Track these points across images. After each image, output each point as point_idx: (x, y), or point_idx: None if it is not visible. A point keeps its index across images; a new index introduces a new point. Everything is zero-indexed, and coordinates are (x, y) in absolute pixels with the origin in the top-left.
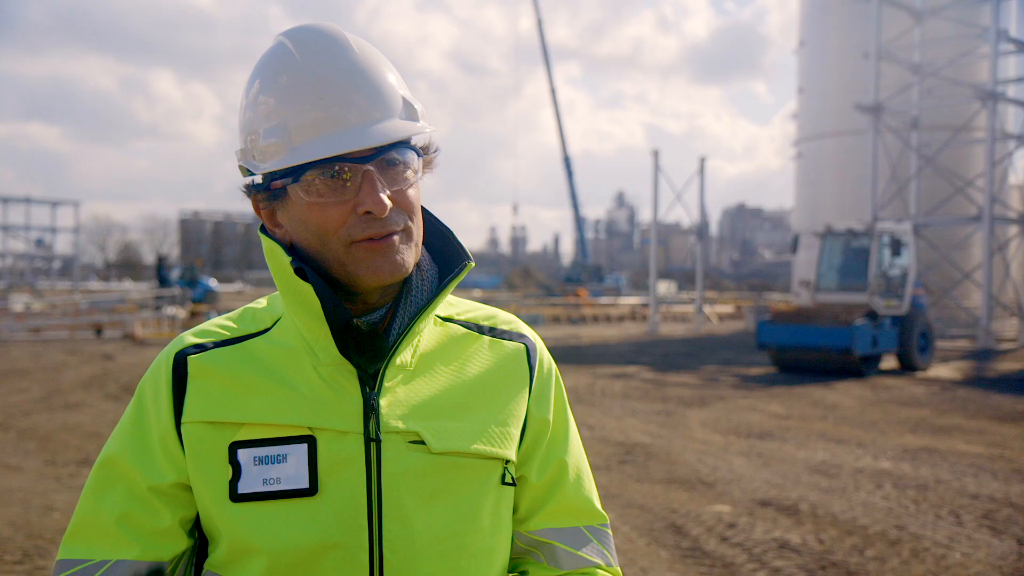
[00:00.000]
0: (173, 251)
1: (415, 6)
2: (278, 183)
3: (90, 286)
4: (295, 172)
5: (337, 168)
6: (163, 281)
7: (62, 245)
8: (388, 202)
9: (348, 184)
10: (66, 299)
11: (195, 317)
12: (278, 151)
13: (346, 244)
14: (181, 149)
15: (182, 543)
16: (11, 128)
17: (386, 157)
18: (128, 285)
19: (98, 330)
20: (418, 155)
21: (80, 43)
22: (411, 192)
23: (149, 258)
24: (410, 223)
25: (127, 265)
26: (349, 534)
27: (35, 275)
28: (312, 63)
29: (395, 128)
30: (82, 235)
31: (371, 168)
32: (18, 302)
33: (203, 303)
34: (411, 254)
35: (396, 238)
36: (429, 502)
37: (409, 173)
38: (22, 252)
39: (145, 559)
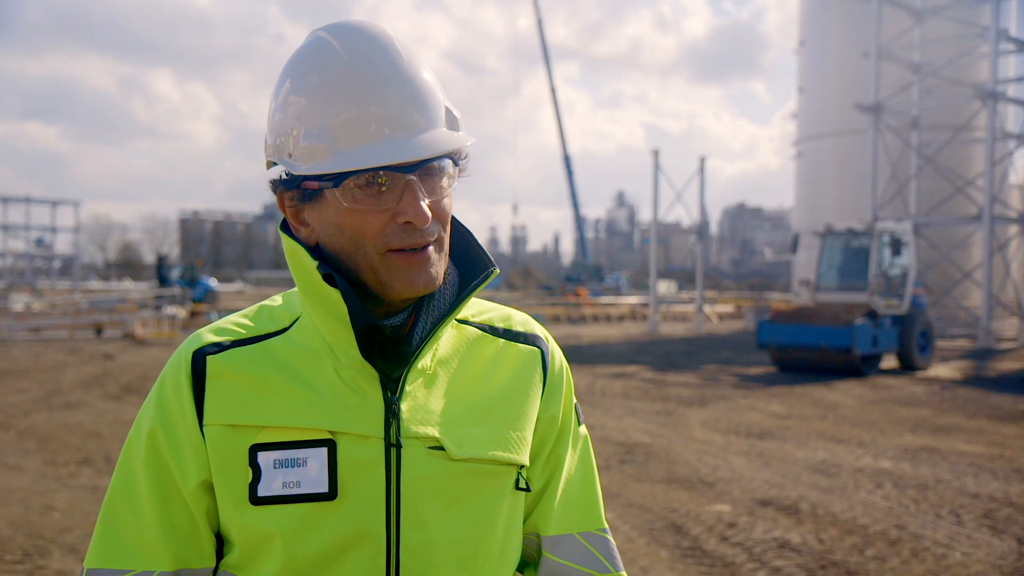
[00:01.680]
0: (173, 251)
1: (413, 5)
2: (313, 184)
3: (90, 286)
4: (336, 177)
5: (380, 176)
6: (163, 281)
7: (62, 245)
8: (429, 213)
9: (389, 192)
10: (66, 299)
11: (195, 317)
12: (320, 154)
13: (382, 252)
14: (181, 149)
15: (214, 549)
16: (10, 128)
17: (427, 167)
18: (128, 285)
19: (98, 330)
20: (455, 164)
21: (79, 43)
22: (446, 202)
23: (149, 258)
24: (443, 233)
25: (127, 265)
26: (367, 539)
27: (35, 275)
28: (358, 64)
29: (442, 140)
30: (82, 235)
31: (414, 178)
32: (18, 302)
33: (203, 303)
34: (442, 265)
35: (431, 249)
36: (447, 508)
37: (446, 182)
38: (22, 252)
39: (189, 567)
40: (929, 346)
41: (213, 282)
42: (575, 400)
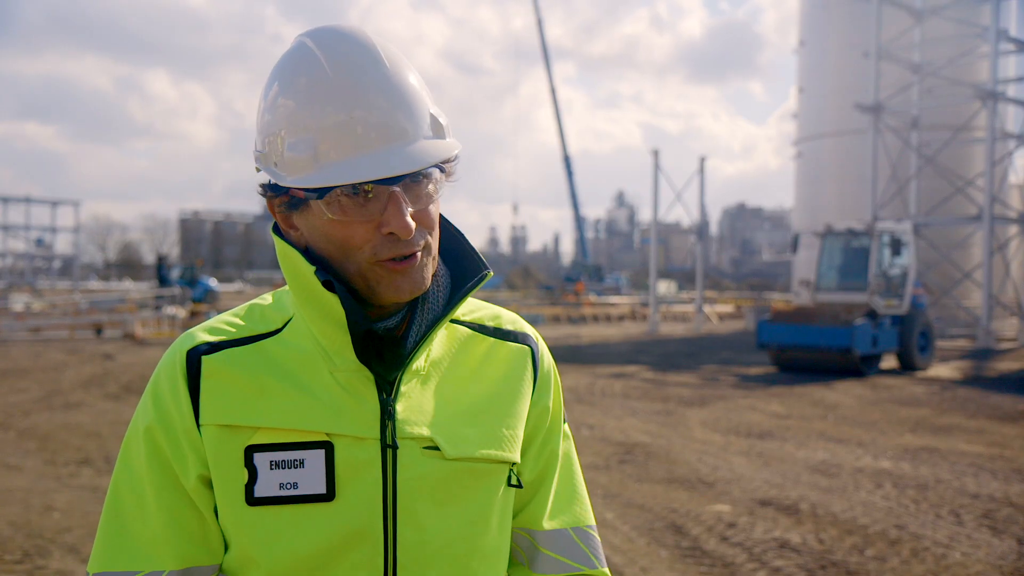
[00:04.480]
0: (173, 251)
1: (410, 5)
2: (299, 193)
3: (90, 286)
4: (320, 189)
5: (364, 188)
6: (163, 281)
7: (62, 245)
8: (412, 224)
9: (374, 202)
10: (66, 299)
11: (195, 317)
12: (305, 167)
13: (370, 261)
14: (179, 149)
15: (222, 545)
16: (8, 127)
17: (412, 175)
18: (128, 285)
19: (98, 330)
20: (441, 170)
21: (77, 42)
22: (432, 208)
23: (149, 258)
24: (430, 239)
25: (127, 265)
26: (365, 539)
27: (35, 275)
28: (340, 72)
29: (427, 152)
30: (82, 235)
31: (397, 190)
32: (18, 302)
33: (203, 303)
34: (430, 270)
35: (419, 255)
36: (442, 507)
37: (432, 188)
38: (22, 252)
39: (198, 564)
40: (929, 346)
41: (213, 282)
42: (562, 399)
